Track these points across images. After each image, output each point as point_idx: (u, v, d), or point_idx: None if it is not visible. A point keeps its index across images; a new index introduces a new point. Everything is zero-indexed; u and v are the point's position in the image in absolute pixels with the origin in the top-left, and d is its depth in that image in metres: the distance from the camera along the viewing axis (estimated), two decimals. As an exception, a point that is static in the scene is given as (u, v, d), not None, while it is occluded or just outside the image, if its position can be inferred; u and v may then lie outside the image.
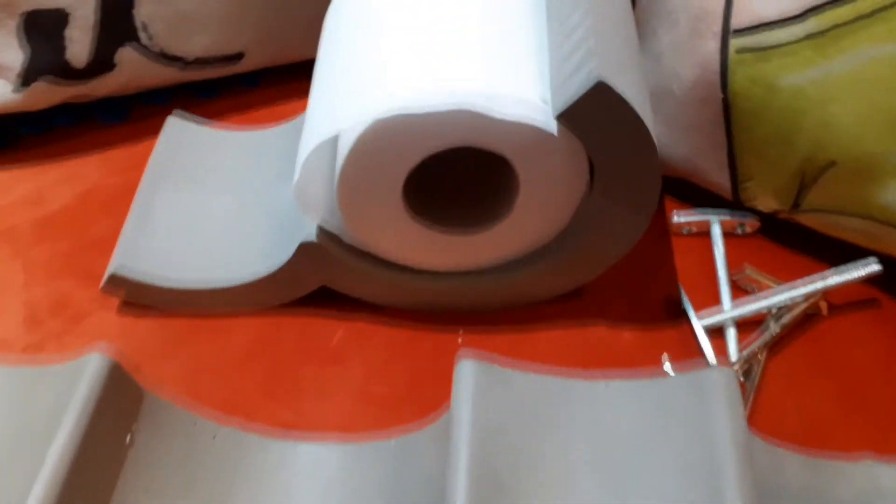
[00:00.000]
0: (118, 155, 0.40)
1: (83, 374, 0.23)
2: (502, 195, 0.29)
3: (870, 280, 0.30)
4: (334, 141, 0.28)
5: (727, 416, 0.21)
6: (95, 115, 0.42)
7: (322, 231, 0.29)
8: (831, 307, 0.31)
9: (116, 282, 0.32)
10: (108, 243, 0.35)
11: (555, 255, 0.30)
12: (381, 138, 0.25)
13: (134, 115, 0.42)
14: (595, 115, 0.23)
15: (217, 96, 0.42)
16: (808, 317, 0.30)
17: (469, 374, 0.22)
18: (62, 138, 0.41)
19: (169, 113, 0.38)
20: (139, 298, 0.33)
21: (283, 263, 0.30)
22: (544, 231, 0.29)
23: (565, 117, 0.24)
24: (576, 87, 0.23)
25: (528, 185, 0.27)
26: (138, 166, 0.38)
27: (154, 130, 0.39)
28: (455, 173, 0.30)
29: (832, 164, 0.28)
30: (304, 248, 0.29)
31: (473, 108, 0.24)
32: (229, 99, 0.42)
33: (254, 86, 0.43)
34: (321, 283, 0.31)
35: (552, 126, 0.25)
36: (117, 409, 0.24)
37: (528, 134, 0.25)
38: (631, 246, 0.28)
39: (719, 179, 0.32)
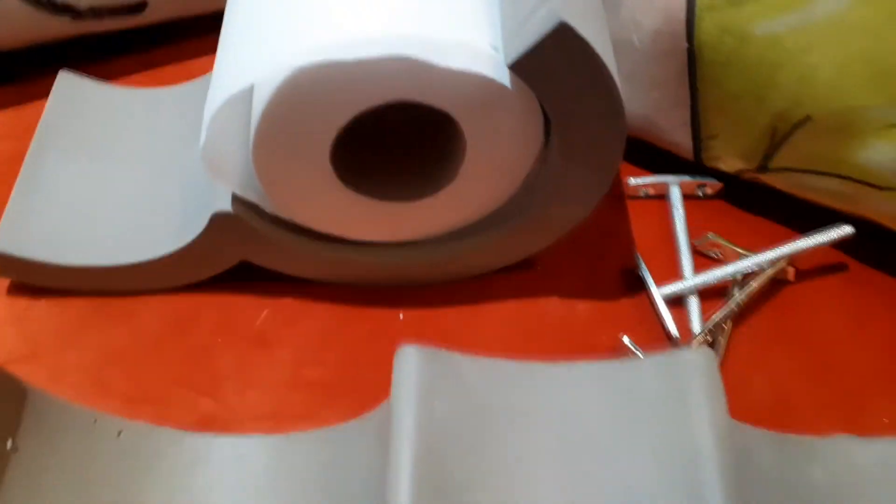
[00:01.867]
0: (4, 119, 0.35)
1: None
2: (447, 158, 0.26)
3: (838, 244, 0.28)
4: (249, 95, 0.25)
5: (706, 402, 0.18)
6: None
7: (238, 200, 0.26)
8: (798, 273, 0.29)
9: (3, 261, 0.28)
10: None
11: (505, 222, 0.27)
12: (303, 91, 0.22)
13: (21, 78, 0.36)
14: (554, 63, 0.20)
15: (119, 55, 0.37)
16: (775, 283, 0.28)
17: (412, 362, 0.19)
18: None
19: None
20: (31, 279, 0.28)
21: (196, 237, 0.26)
22: (493, 197, 0.26)
23: (520, 66, 0.20)
24: (533, 32, 0.20)
25: (476, 145, 0.24)
26: (28, 131, 0.33)
27: (45, 92, 0.34)
28: (393, 133, 0.27)
29: (807, 119, 0.26)
30: (217, 220, 0.26)
31: (412, 56, 0.21)
32: (133, 57, 0.37)
33: (162, 42, 0.38)
34: (241, 258, 0.28)
35: (504, 77, 0.21)
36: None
37: (476, 87, 0.22)
38: (590, 210, 0.26)
39: (680, 139, 0.30)
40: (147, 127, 0.31)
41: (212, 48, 0.38)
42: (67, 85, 0.32)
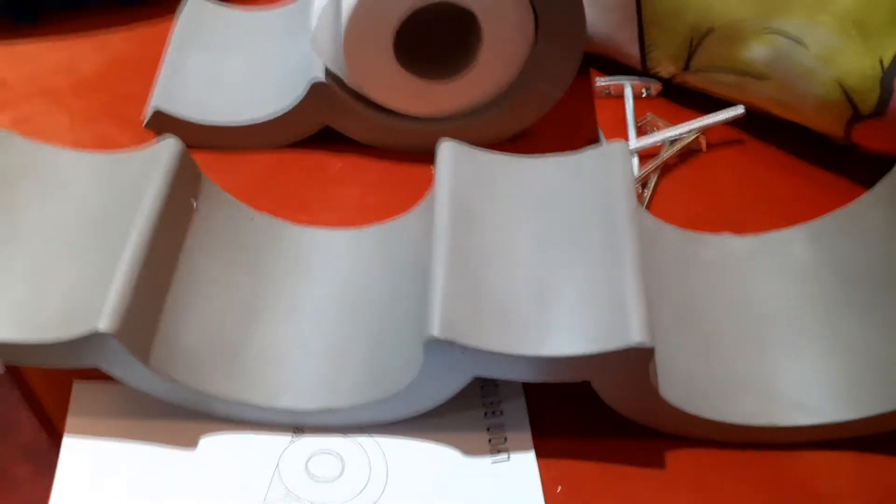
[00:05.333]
0: (142, 29, 0.47)
1: (164, 150, 0.31)
2: (470, 47, 0.38)
3: (737, 124, 0.41)
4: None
5: (621, 168, 0.31)
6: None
7: (329, 73, 0.38)
8: (709, 144, 0.41)
9: (158, 118, 0.40)
10: (139, 98, 0.43)
11: (508, 100, 0.39)
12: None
13: (149, 2, 0.49)
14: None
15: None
16: (692, 151, 0.41)
17: (448, 147, 0.32)
18: (90, 15, 0.48)
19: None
20: (175, 135, 0.41)
21: (297, 102, 0.39)
22: (502, 79, 0.39)
23: (517, -25, 0.33)
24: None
25: (489, 36, 0.37)
26: (161, 39, 0.46)
27: (169, 11, 0.46)
28: (437, 31, 0.39)
29: (711, 30, 0.38)
30: (314, 87, 0.38)
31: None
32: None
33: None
34: (324, 124, 0.40)
35: (508, -16, 0.34)
36: (187, 180, 0.32)
37: (490, -9, 0.34)
38: (566, 87, 0.38)
39: (631, 51, 0.42)
40: (255, 34, 0.43)
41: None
42: (195, 4, 0.44)
